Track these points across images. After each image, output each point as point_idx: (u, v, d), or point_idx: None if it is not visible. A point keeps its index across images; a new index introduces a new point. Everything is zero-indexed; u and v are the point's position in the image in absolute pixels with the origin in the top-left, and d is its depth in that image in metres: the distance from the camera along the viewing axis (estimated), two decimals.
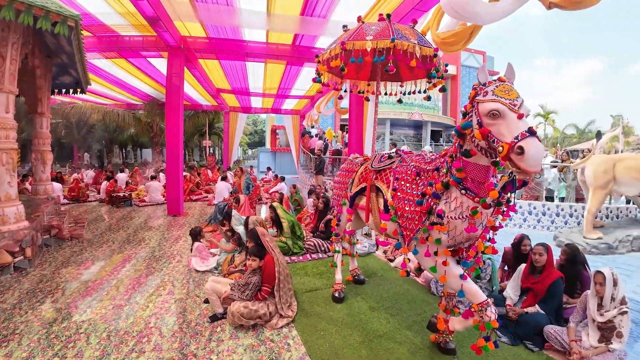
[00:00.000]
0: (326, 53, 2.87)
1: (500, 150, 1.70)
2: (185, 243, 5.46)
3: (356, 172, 3.17)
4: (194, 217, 7.51)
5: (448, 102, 23.72)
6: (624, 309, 2.52)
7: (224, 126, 16.73)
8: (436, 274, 2.28)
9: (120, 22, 6.57)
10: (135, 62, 8.81)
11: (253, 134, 40.89)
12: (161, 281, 3.92)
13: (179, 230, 6.31)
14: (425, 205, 2.21)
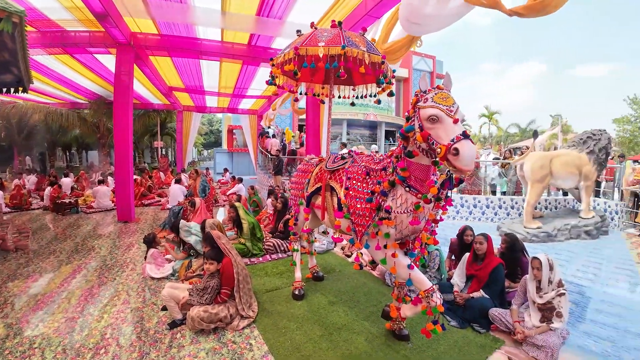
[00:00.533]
0: (280, 57, 2.93)
1: (438, 151, 1.90)
2: (138, 250, 5.21)
3: (312, 172, 3.28)
4: (147, 223, 7.14)
5: (401, 103, 24.89)
6: (562, 291, 2.85)
7: (176, 126, 15.96)
8: (386, 266, 2.46)
9: (66, 17, 6.08)
10: (81, 58, 8.17)
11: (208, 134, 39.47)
12: (115, 291, 3.74)
13: (131, 237, 5.99)
14: (374, 202, 2.38)
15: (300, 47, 2.72)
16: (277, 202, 5.60)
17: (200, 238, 4.31)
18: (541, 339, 2.71)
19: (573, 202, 7.51)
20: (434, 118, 1.98)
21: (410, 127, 2.13)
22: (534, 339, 2.75)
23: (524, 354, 2.73)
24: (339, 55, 2.63)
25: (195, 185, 6.15)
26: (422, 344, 2.79)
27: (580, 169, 6.22)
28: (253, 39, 6.66)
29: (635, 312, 3.45)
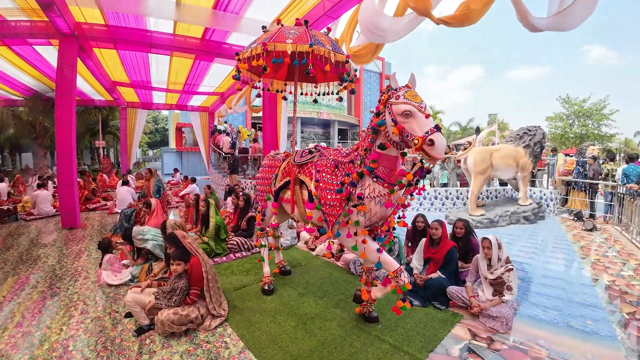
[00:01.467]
0: (247, 52, 2.92)
1: (415, 142, 2.07)
2: (89, 257, 4.81)
3: (279, 167, 3.32)
4: (95, 229, 6.57)
5: (352, 103, 25.63)
6: (510, 267, 3.22)
7: (120, 124, 14.70)
8: (357, 252, 2.60)
9: (7, 5, 5.37)
10: (19, 50, 7.22)
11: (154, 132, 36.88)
12: (70, 301, 3.43)
13: (79, 245, 5.49)
14: (344, 192, 2.51)
15: (269, 43, 2.75)
16: (239, 200, 5.51)
17: (158, 242, 4.11)
18: (495, 311, 3.05)
19: (511, 192, 8.43)
20: (407, 113, 2.17)
21: (382, 122, 2.30)
22: (489, 311, 3.07)
23: (481, 325, 3.05)
24: (307, 53, 2.71)
25: (149, 185, 5.78)
26: (390, 324, 2.99)
27: (518, 161, 7.00)
28: (207, 33, 6.41)
29: (576, 284, 4.00)
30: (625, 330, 2.97)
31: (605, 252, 5.29)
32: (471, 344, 2.73)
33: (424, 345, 2.68)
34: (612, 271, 4.43)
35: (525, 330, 2.98)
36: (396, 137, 2.25)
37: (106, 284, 3.76)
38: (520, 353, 2.62)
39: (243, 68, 3.05)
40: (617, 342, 2.80)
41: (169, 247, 3.11)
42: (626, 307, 3.43)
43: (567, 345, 2.75)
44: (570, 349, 2.69)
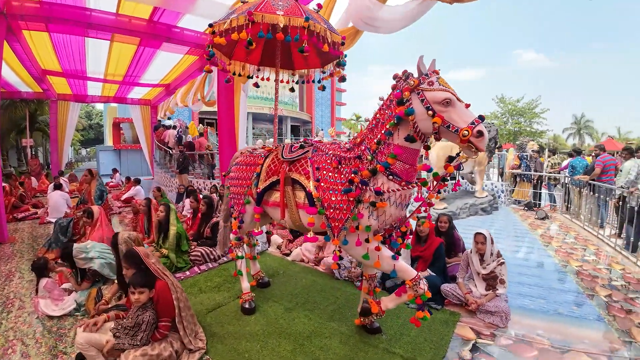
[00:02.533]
0: (225, 23, 2.38)
1: (465, 133, 1.85)
2: (22, 281, 3.83)
3: (261, 165, 2.83)
4: (26, 243, 5.31)
5: (305, 98, 25.27)
6: (502, 260, 3.19)
7: (50, 119, 12.44)
8: (369, 261, 2.27)
9: None
10: None
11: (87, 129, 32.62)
12: (5, 340, 2.63)
13: (8, 264, 4.38)
14: (354, 192, 2.16)
15: (255, 12, 2.25)
16: (200, 204, 4.84)
17: (106, 260, 3.36)
18: (493, 306, 2.99)
19: (466, 185, 8.84)
20: (447, 101, 1.92)
21: (411, 110, 1.98)
22: (486, 307, 3.01)
23: (481, 321, 2.97)
24: (302, 29, 2.28)
25: (89, 189, 4.78)
26: (394, 333, 2.75)
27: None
28: (156, 14, 5.50)
29: (550, 271, 4.17)
30: (609, 313, 3.12)
31: (564, 239, 5.69)
32: (478, 343, 2.67)
33: (435, 352, 2.50)
34: (576, 257, 4.74)
35: (522, 321, 2.99)
36: (429, 129, 1.98)
37: (46, 315, 2.94)
38: (526, 346, 2.63)
39: (220, 42, 2.48)
40: (606, 324, 2.92)
41: (127, 268, 2.46)
42: (602, 290, 3.63)
43: (563, 332, 2.82)
44: (568, 336, 2.76)
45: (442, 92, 1.94)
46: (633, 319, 3.00)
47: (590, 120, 36.99)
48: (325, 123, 25.61)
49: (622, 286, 3.74)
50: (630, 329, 2.82)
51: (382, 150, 2.15)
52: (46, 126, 16.59)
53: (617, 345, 2.60)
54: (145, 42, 6.57)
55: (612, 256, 4.83)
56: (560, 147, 30.38)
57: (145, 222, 4.77)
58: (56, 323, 2.91)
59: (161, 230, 4.22)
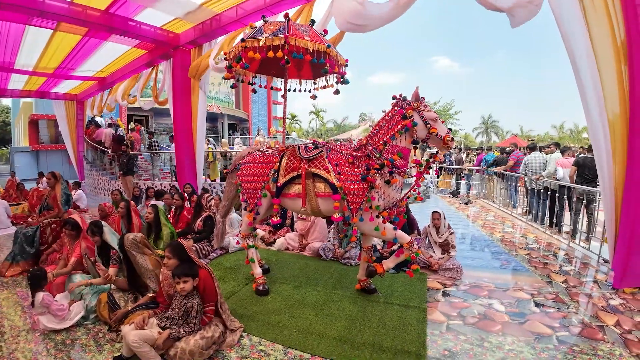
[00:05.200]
0: (261, 40, 2.80)
1: (448, 139, 2.79)
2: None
3: (277, 162, 3.29)
4: None
5: (240, 97, 24.85)
6: (452, 231, 4.24)
7: None
8: (377, 232, 2.97)
9: None
10: None
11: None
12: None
13: None
14: (371, 179, 2.83)
15: (290, 36, 2.73)
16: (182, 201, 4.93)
17: None
18: (450, 264, 4.02)
19: None
20: (435, 119, 2.87)
21: (416, 123, 2.81)
22: (445, 265, 4.03)
23: (442, 277, 3.96)
24: (325, 53, 2.88)
25: (54, 194, 4.41)
26: (385, 291, 3.52)
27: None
28: (115, 5, 5.23)
29: (480, 240, 5.52)
30: (532, 265, 4.37)
31: (486, 217, 7.24)
32: (446, 290, 3.61)
33: (420, 299, 3.36)
34: (497, 230, 6.19)
35: (470, 274, 4.04)
36: (423, 136, 2.87)
37: (52, 330, 2.82)
38: (479, 289, 3.64)
39: (256, 57, 2.89)
40: (531, 272, 4.15)
41: (170, 258, 2.66)
42: (522, 251, 4.99)
43: (502, 279, 3.93)
44: (506, 280, 3.88)
45: (433, 113, 2.88)
46: (550, 268, 4.28)
47: (496, 121, 42.38)
48: (262, 122, 25.59)
49: (536, 248, 5.16)
50: (549, 274, 4.06)
51: (388, 150, 2.89)
52: None
53: (542, 285, 3.76)
54: (93, 33, 6.13)
55: (524, 228, 6.43)
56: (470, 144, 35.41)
57: (123, 225, 4.67)
58: (67, 336, 2.78)
59: (150, 232, 4.25)
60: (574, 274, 4.12)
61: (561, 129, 39.61)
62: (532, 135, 39.62)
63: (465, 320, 2.98)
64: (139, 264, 2.99)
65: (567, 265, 4.46)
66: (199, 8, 5.71)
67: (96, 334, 2.82)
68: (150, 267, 3.01)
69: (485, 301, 3.34)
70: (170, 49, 6.99)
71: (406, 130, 2.84)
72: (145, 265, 2.98)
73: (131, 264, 3.02)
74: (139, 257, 2.99)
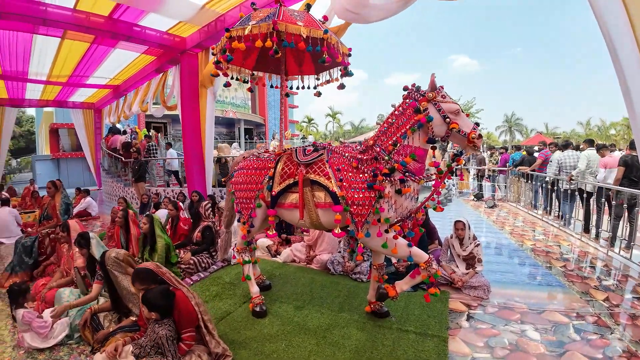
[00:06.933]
0: (245, 29, 2.44)
1: (474, 136, 2.27)
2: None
3: (272, 168, 2.92)
4: None
5: (257, 101, 24.90)
6: (478, 242, 3.68)
7: None
8: (387, 250, 2.53)
9: None
10: None
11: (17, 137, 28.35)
12: None
13: None
14: (378, 187, 2.40)
15: (279, 22, 2.36)
16: (180, 211, 4.68)
17: None
18: (475, 281, 3.48)
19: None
20: (457, 112, 2.35)
21: (431, 117, 2.33)
22: (470, 283, 3.49)
23: (467, 295, 3.43)
24: (321, 40, 2.47)
25: (54, 203, 4.27)
26: (400, 314, 3.05)
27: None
28: (118, 10, 5.10)
29: (510, 250, 4.88)
30: (568, 280, 3.79)
31: (514, 223, 6.57)
32: (471, 313, 3.11)
33: (440, 325, 2.87)
34: (528, 237, 5.55)
35: (500, 292, 3.51)
36: (442, 133, 2.37)
37: (35, 349, 2.61)
38: (509, 311, 3.12)
39: (239, 47, 2.51)
40: (567, 288, 3.57)
41: (140, 287, 2.35)
42: (556, 262, 4.36)
43: (536, 297, 3.39)
44: (540, 300, 3.35)
45: (455, 105, 2.37)
46: (588, 283, 3.70)
47: (520, 118, 40.64)
48: (278, 126, 25.53)
49: (572, 258, 4.53)
50: (588, 291, 3.49)
51: (399, 151, 2.43)
52: None
53: (581, 304, 3.20)
54: (101, 40, 6.07)
55: (556, 235, 5.75)
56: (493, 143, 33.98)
57: (122, 235, 4.47)
58: (49, 355, 2.60)
59: (146, 243, 4.01)
60: (616, 289, 3.56)
61: (587, 125, 37.31)
62: (558, 132, 37.79)
63: (493, 352, 2.50)
64: (121, 286, 2.69)
65: (607, 278, 3.88)
66: (202, 9, 5.50)
67: (79, 355, 2.61)
68: (133, 290, 2.70)
69: (517, 327, 2.84)
70: (178, 53, 6.83)
71: (420, 126, 2.38)
72: (127, 287, 2.67)
73: (113, 284, 2.73)
74: (120, 278, 2.69)
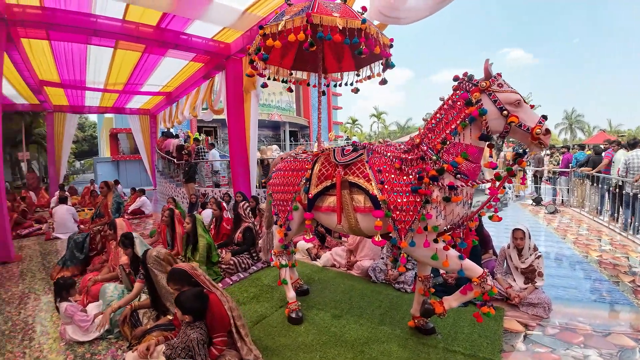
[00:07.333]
0: (279, 25, 2.36)
1: (538, 132, 1.95)
2: (39, 302, 3.63)
3: (309, 170, 2.80)
4: (35, 261, 5.06)
5: (301, 103, 25.23)
6: (538, 254, 3.26)
7: (47, 132, 11.99)
8: (437, 262, 2.28)
9: None
10: None
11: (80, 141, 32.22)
12: None
13: (20, 284, 4.15)
14: (425, 190, 2.17)
15: (314, 14, 2.24)
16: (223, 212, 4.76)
17: None
18: (535, 298, 3.06)
19: None
20: (518, 102, 2.02)
21: (485, 110, 2.04)
22: (528, 299, 3.08)
23: (524, 313, 3.03)
24: (359, 30, 2.29)
25: (106, 202, 4.63)
26: (448, 332, 2.77)
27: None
28: (164, 20, 5.42)
29: (574, 262, 4.30)
30: (637, 297, 3.26)
31: (578, 231, 5.81)
32: (528, 334, 2.74)
33: (492, 347, 2.55)
34: (593, 247, 4.88)
35: (562, 310, 3.09)
36: (499, 128, 2.07)
37: (75, 341, 2.77)
38: (572, 333, 2.73)
39: (275, 45, 2.42)
40: (636, 307, 3.08)
41: (174, 288, 2.36)
42: (625, 277, 3.78)
43: (601, 317, 2.96)
44: (606, 320, 2.91)
45: (514, 94, 2.04)
46: None
47: (581, 115, 37.69)
48: (322, 127, 25.59)
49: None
50: None
51: (448, 149, 2.17)
52: (42, 139, 16.19)
53: None
54: (151, 49, 6.47)
55: (625, 245, 4.99)
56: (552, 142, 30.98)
57: (168, 234, 4.66)
58: (88, 349, 2.71)
59: (189, 242, 4.12)
60: None
61: None
62: (622, 130, 33.99)
63: None
64: (160, 284, 2.75)
65: None
66: (244, 14, 5.59)
67: (116, 350, 2.71)
68: (172, 290, 2.75)
69: (580, 352, 2.47)
70: (223, 59, 7.06)
71: (472, 120, 2.09)
72: (165, 286, 2.72)
73: (153, 283, 2.80)
74: (160, 277, 2.76)
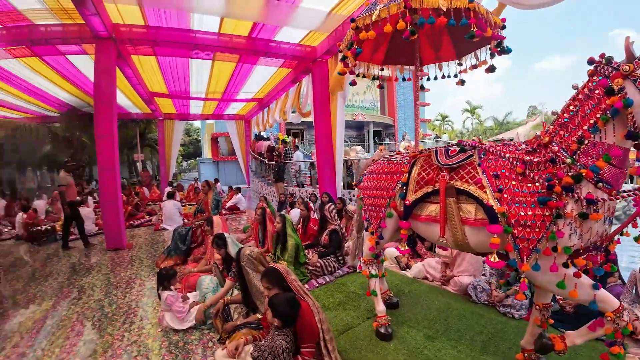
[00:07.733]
0: (373, 15, 2.16)
1: None
2: (143, 288, 4.13)
3: (406, 173, 2.50)
4: (144, 249, 5.95)
5: (385, 102, 24.60)
6: None
7: (158, 136, 14.57)
8: (564, 290, 1.78)
9: (35, 6, 4.94)
10: (51, 61, 6.91)
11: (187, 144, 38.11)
12: (129, 357, 2.65)
13: (128, 270, 4.83)
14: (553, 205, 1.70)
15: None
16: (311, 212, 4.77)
17: None
18: None
19: None
20: None
21: (630, 100, 1.55)
22: None
23: None
24: (467, 10, 1.94)
25: (206, 200, 5.15)
26: None
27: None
28: (255, 29, 5.80)
29: None
30: None
31: None
32: None
33: None
34: None
35: None
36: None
37: (171, 329, 3.02)
38: None
39: (369, 36, 2.23)
40: None
41: (265, 284, 2.35)
42: None
43: None
44: None
45: None
46: None
47: None
48: (409, 126, 24.44)
49: None
50: None
51: (586, 151, 1.70)
52: (154, 143, 19.71)
53: None
54: (244, 59, 6.98)
55: None
56: None
57: (260, 231, 4.89)
58: (182, 337, 2.88)
59: (278, 241, 4.22)
60: None
61: None
62: None
63: None
64: (252, 282, 2.82)
65: None
66: (329, 15, 5.56)
67: (207, 341, 2.84)
68: (262, 288, 2.79)
69: None
70: (310, 62, 7.21)
71: (615, 113, 1.60)
72: (257, 285, 2.78)
73: (245, 280, 2.89)
74: (252, 275, 2.82)
